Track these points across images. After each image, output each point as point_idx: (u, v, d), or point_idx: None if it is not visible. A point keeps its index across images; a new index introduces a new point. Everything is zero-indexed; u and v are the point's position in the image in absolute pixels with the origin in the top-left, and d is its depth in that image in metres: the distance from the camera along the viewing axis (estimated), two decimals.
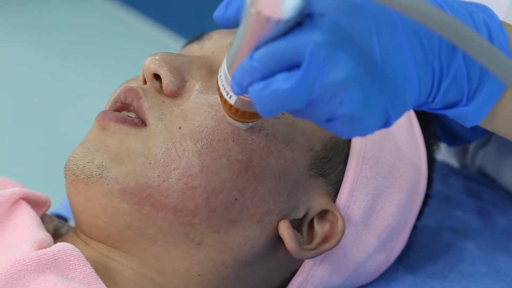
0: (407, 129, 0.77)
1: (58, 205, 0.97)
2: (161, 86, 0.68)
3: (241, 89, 0.52)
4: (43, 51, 2.26)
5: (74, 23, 2.44)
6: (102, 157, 0.66)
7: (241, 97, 0.57)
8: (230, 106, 0.58)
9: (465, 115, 0.57)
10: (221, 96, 0.58)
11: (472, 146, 1.00)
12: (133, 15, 2.47)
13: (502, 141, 0.94)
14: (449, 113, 0.57)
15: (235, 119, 0.62)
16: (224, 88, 0.57)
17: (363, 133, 0.53)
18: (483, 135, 0.92)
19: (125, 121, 0.67)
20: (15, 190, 0.69)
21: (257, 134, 0.66)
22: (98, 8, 2.52)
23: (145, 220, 0.65)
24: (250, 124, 0.65)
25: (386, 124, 0.53)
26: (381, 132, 0.73)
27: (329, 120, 0.52)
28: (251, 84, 0.51)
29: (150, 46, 2.14)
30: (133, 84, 0.71)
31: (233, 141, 0.65)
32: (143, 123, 0.67)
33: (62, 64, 2.20)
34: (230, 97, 0.57)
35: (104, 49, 2.27)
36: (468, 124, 0.57)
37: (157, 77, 0.69)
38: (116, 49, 2.27)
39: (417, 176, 0.78)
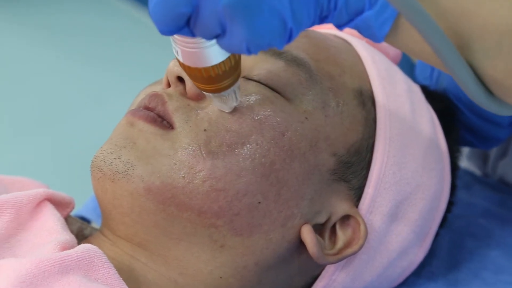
0: (430, 135, 0.76)
1: (80, 206, 0.98)
2: (185, 89, 0.69)
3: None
4: (64, 53, 2.27)
5: (97, 25, 2.45)
6: (129, 154, 0.66)
7: (183, 48, 0.57)
8: (189, 69, 0.59)
9: (371, 23, 0.54)
10: (179, 62, 0.59)
11: (492, 157, 1.00)
12: None
13: None
14: (357, 25, 0.55)
15: (203, 88, 0.62)
16: (174, 49, 0.58)
17: (262, 39, 0.51)
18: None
19: (154, 121, 0.67)
20: (40, 191, 0.70)
21: (281, 138, 0.66)
22: (120, 10, 2.53)
23: (170, 219, 0.66)
24: (224, 96, 0.64)
25: (286, 32, 0.52)
26: (404, 138, 0.73)
27: (224, 30, 0.51)
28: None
29: (172, 50, 2.15)
30: (157, 87, 0.71)
31: (257, 144, 0.65)
32: (170, 126, 0.67)
33: (84, 66, 2.22)
34: (178, 54, 0.58)
35: (127, 51, 2.28)
36: (378, 35, 0.55)
37: (180, 80, 0.69)
38: (138, 52, 2.28)
39: (441, 182, 0.77)
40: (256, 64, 0.70)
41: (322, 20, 0.54)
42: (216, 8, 0.50)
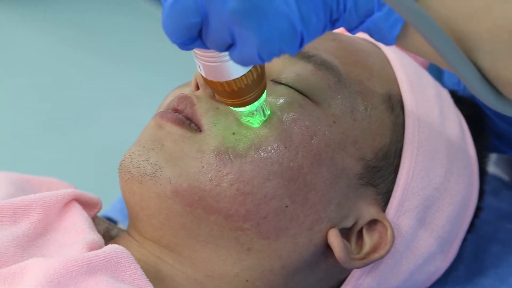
0: (459, 141, 0.76)
1: (107, 207, 0.98)
2: (214, 92, 0.69)
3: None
4: (92, 53, 2.28)
5: (126, 25, 2.46)
6: (157, 156, 0.66)
7: (203, 62, 0.57)
8: (212, 83, 0.59)
9: (381, 24, 0.54)
10: (202, 77, 0.60)
11: None
12: None
13: None
14: (368, 28, 0.54)
15: (228, 103, 0.63)
16: (197, 64, 0.58)
17: (272, 44, 0.51)
18: None
19: (182, 123, 0.67)
20: (68, 191, 0.70)
21: (309, 142, 0.66)
22: (148, 11, 2.54)
23: (197, 222, 0.66)
24: (250, 110, 0.64)
25: (297, 36, 0.51)
26: (432, 143, 0.73)
27: (234, 39, 0.51)
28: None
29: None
30: (185, 90, 0.72)
31: (285, 148, 0.65)
32: (198, 128, 0.67)
33: (112, 66, 2.22)
34: (200, 69, 0.58)
35: (156, 52, 2.28)
36: (389, 37, 0.54)
37: None
38: (167, 52, 2.28)
39: (469, 188, 0.77)
40: (284, 67, 0.70)
41: (333, 24, 0.54)
42: (223, 16, 0.50)
